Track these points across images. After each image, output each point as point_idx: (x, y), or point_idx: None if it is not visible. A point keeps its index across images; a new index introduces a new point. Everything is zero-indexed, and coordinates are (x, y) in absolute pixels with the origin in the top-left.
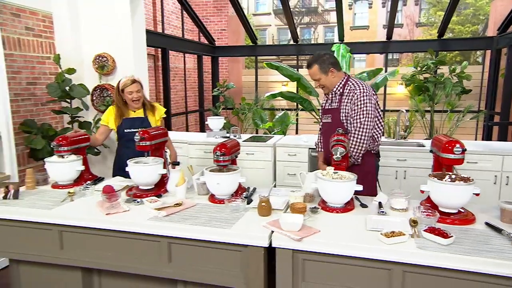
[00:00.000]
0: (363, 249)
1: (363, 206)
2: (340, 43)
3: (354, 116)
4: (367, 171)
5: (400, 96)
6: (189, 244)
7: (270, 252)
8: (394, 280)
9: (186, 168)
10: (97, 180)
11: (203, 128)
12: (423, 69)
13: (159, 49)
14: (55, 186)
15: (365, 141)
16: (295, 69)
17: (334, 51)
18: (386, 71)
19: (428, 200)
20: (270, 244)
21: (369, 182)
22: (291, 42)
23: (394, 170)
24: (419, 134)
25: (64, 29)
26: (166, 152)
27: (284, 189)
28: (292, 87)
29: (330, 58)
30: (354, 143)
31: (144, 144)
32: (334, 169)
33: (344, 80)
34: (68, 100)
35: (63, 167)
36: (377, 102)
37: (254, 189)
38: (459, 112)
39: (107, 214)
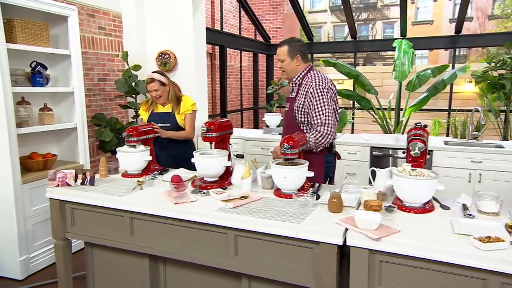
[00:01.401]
0: (453, 254)
1: (444, 207)
2: (402, 39)
3: (315, 110)
4: (316, 163)
5: (467, 95)
6: (257, 238)
7: (341, 251)
8: None
9: (250, 161)
10: (163, 171)
11: (256, 125)
12: (498, 64)
13: (216, 48)
14: (125, 175)
15: (331, 134)
16: (353, 66)
17: (395, 46)
18: (453, 68)
19: None
20: (344, 242)
21: (316, 178)
22: (348, 39)
23: (467, 173)
24: (490, 136)
25: (131, 28)
26: (230, 144)
27: (353, 185)
28: (348, 85)
29: (301, 46)
30: (319, 135)
31: (210, 136)
32: (412, 166)
33: (305, 72)
34: (133, 96)
35: (133, 156)
36: (335, 94)
37: (320, 184)
38: None
39: (175, 203)
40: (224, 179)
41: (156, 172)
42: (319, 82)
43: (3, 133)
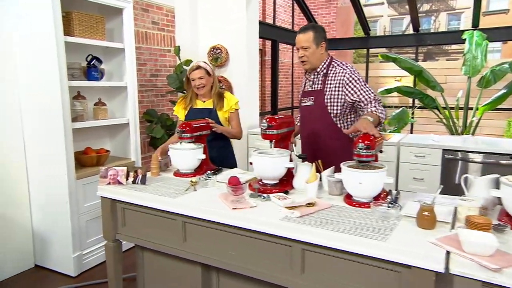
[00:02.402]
0: None
1: None
2: (474, 30)
3: (362, 91)
4: (350, 158)
5: None
6: (328, 254)
7: None
8: None
9: (315, 163)
10: (216, 170)
11: None
12: None
13: (266, 44)
14: (177, 174)
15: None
16: (415, 62)
17: (465, 39)
18: None
19: None
20: (446, 268)
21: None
22: (407, 32)
23: None
24: None
25: (183, 23)
26: (292, 143)
27: (442, 196)
28: (405, 82)
29: (324, 33)
30: (381, 107)
31: (271, 133)
32: None
33: (328, 61)
34: (185, 91)
35: (186, 154)
36: None
37: (398, 192)
38: None
39: (233, 208)
40: (285, 182)
41: (209, 171)
42: (350, 68)
43: (59, 127)
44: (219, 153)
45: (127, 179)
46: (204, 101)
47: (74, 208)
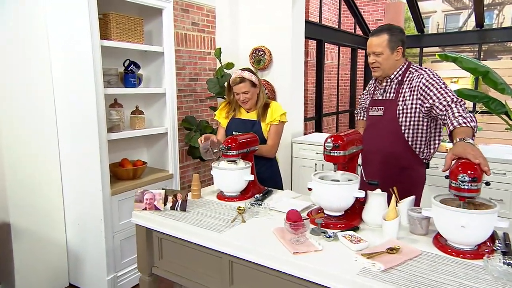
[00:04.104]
0: None
1: None
2: None
3: (440, 93)
4: (416, 182)
5: None
6: None
7: None
8: None
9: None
10: (265, 193)
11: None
12: None
13: (310, 44)
14: (221, 197)
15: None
16: (479, 61)
17: None
18: None
19: None
20: None
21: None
22: (465, 29)
23: None
24: None
25: (224, 23)
26: (359, 165)
27: None
28: (463, 84)
29: (402, 35)
30: (466, 113)
31: (337, 155)
32: None
33: (405, 67)
34: (225, 97)
35: (232, 175)
36: None
37: (506, 235)
38: None
39: (294, 253)
40: (352, 215)
41: (257, 195)
42: (428, 72)
43: (93, 139)
44: (263, 170)
45: (165, 204)
46: (248, 112)
47: (109, 226)
